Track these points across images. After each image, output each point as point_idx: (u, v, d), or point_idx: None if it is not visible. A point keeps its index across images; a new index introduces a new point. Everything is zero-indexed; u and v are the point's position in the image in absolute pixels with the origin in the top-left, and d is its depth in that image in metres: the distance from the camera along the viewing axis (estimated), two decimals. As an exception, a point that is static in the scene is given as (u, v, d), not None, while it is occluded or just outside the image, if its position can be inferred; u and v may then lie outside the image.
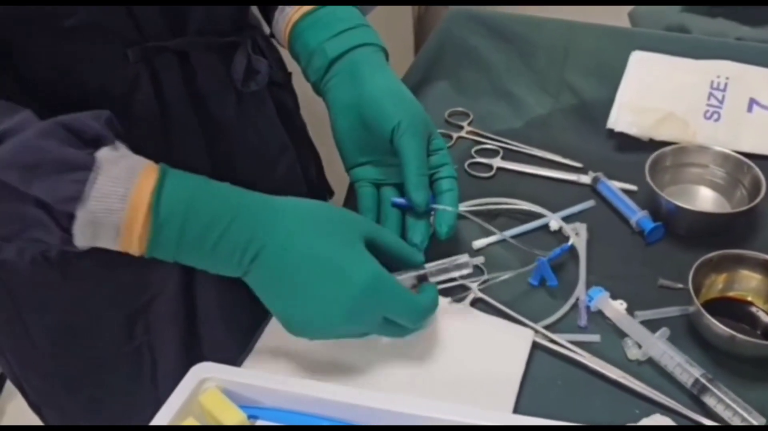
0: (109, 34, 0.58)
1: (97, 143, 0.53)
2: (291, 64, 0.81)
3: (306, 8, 0.69)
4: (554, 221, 0.72)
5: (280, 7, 0.71)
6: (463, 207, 0.73)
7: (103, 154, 0.52)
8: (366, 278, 0.54)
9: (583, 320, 0.63)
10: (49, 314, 0.72)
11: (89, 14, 0.56)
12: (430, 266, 0.61)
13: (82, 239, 0.53)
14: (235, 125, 0.70)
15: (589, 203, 0.75)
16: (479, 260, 0.64)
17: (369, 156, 0.68)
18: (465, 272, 0.62)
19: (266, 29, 0.77)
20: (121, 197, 0.52)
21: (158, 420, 0.53)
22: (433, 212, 0.65)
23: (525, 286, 0.67)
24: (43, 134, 0.51)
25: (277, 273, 0.55)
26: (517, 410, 0.57)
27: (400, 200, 0.66)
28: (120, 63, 0.60)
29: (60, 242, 0.53)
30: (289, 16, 0.70)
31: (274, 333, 0.65)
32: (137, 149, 0.56)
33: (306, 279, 0.55)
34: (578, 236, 0.70)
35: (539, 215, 0.73)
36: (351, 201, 0.71)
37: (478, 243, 0.71)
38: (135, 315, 0.73)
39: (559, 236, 0.72)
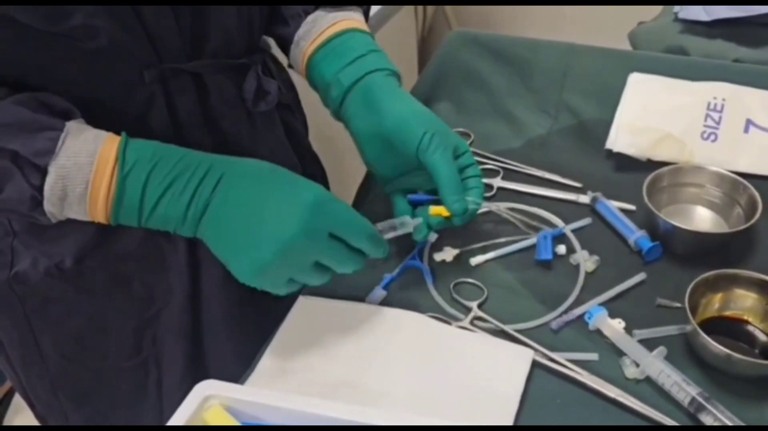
0: (128, 56, 0.61)
1: (66, 115, 0.57)
2: (299, 84, 0.83)
3: (319, 40, 0.71)
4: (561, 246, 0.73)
5: (294, 41, 0.74)
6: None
7: (72, 123, 0.57)
8: (316, 193, 0.58)
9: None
10: (60, 327, 0.74)
11: (111, 37, 0.58)
12: (379, 224, 0.66)
13: (51, 200, 0.55)
14: (247, 144, 0.72)
15: (586, 221, 0.76)
16: (417, 221, 0.68)
17: (400, 172, 0.71)
18: (408, 229, 0.67)
19: (276, 52, 0.79)
20: (89, 152, 0.55)
21: (164, 435, 0.54)
22: None
23: (524, 304, 0.68)
24: (18, 101, 0.56)
25: (234, 199, 0.58)
26: (516, 428, 0.58)
27: (418, 196, 0.70)
28: (136, 84, 0.63)
29: (30, 203, 0.55)
30: (303, 50, 0.73)
31: (277, 351, 0.66)
32: None
33: (262, 195, 0.58)
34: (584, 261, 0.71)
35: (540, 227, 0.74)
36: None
37: (475, 260, 0.72)
38: (143, 327, 0.74)
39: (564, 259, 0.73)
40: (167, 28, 0.62)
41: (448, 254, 0.73)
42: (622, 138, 0.84)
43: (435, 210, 0.68)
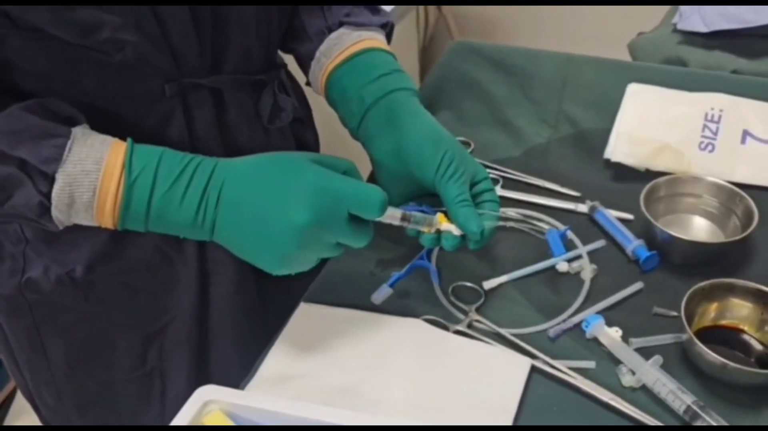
0: (151, 70, 0.62)
1: (71, 121, 0.58)
2: (312, 100, 0.83)
3: (342, 56, 0.72)
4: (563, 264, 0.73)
5: (316, 56, 0.74)
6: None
7: (78, 129, 0.58)
8: (318, 176, 0.58)
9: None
10: (68, 336, 0.75)
11: (137, 50, 0.59)
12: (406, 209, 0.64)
13: (58, 207, 0.56)
14: None
15: (600, 243, 0.75)
16: (449, 227, 0.65)
17: (414, 196, 0.70)
18: (422, 227, 0.65)
19: (292, 68, 0.80)
20: (96, 160, 0.56)
21: (165, 440, 0.55)
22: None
23: (522, 311, 0.69)
24: (26, 108, 0.57)
25: (241, 198, 0.58)
26: (513, 435, 0.58)
27: (419, 207, 0.68)
28: (157, 97, 0.64)
29: (38, 209, 0.56)
30: (325, 66, 0.73)
31: (277, 357, 0.66)
32: None
33: (268, 188, 0.58)
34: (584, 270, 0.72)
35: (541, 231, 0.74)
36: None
37: (489, 284, 0.71)
38: (150, 339, 0.75)
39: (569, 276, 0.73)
40: (190, 44, 0.63)
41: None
42: (620, 148, 0.85)
43: (443, 220, 0.66)
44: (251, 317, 0.77)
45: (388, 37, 0.78)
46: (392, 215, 0.63)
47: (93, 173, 0.56)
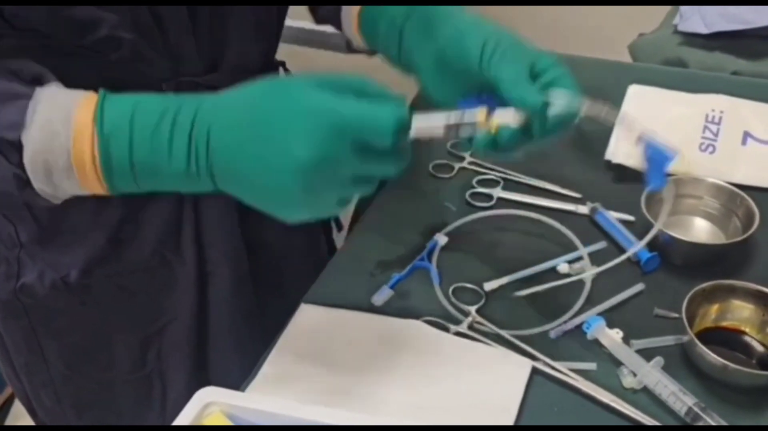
0: (148, 68, 0.61)
1: (39, 81, 0.53)
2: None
3: None
4: (563, 265, 0.73)
5: (342, 9, 0.72)
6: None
7: (44, 89, 0.52)
8: (318, 105, 0.49)
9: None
10: (66, 338, 0.74)
11: (134, 49, 0.58)
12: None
13: (36, 177, 0.51)
14: None
15: (601, 245, 0.74)
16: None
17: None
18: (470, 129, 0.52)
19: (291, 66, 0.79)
20: (63, 119, 0.50)
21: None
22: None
23: (522, 312, 0.69)
24: None
25: (235, 139, 0.50)
26: (514, 436, 0.58)
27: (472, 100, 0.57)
28: None
29: (16, 183, 0.51)
30: (352, 8, 0.70)
31: (278, 358, 0.66)
32: None
33: (262, 126, 0.50)
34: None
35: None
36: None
37: (489, 285, 0.71)
38: (149, 341, 0.75)
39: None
40: (187, 42, 0.62)
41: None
42: (621, 149, 0.85)
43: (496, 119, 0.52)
44: (250, 319, 0.77)
45: None
46: (427, 128, 0.51)
47: (62, 135, 0.50)
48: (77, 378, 0.76)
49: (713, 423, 0.56)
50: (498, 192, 0.83)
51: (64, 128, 0.50)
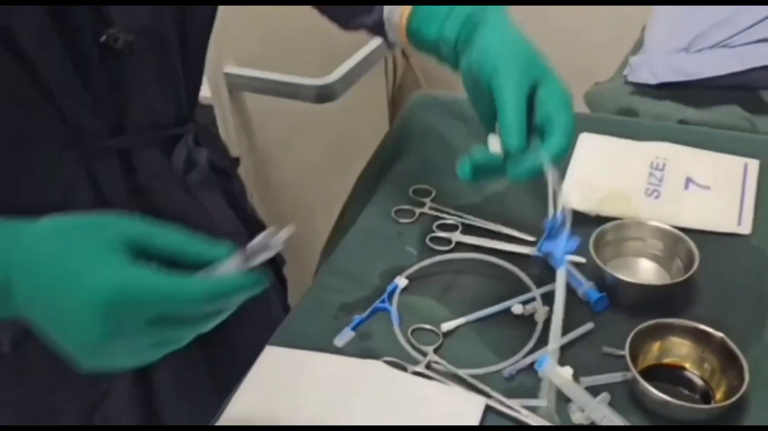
0: (42, 137, 0.57)
1: None
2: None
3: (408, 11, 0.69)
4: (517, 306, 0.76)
5: (385, 21, 0.71)
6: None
7: None
8: (107, 281, 0.43)
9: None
10: (6, 411, 0.71)
11: (19, 117, 0.55)
12: (249, 247, 0.48)
13: None
14: (182, 215, 0.70)
15: (552, 286, 0.80)
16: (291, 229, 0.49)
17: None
18: (281, 245, 0.49)
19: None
20: None
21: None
22: None
23: (477, 348, 0.72)
24: None
25: (33, 300, 0.46)
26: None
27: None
28: (54, 167, 0.58)
29: None
30: (398, 23, 0.71)
31: (242, 400, 0.68)
32: None
33: (51, 295, 0.44)
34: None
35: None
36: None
37: (446, 326, 0.74)
38: (93, 407, 0.72)
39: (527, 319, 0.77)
40: (81, 106, 0.58)
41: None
42: (573, 195, 0.89)
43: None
44: (196, 370, 0.76)
45: None
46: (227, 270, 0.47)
47: None
48: None
49: (655, 456, 0.59)
50: (456, 236, 0.87)
51: None
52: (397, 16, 0.71)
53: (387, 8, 0.72)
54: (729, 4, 1.23)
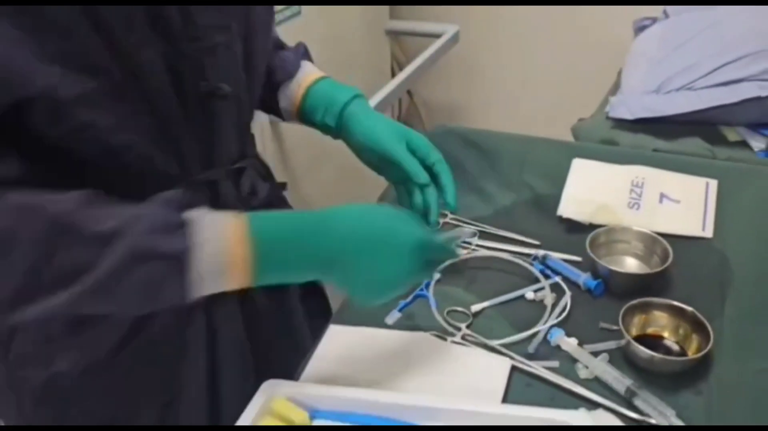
0: (162, 173, 0.69)
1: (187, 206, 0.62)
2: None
3: (309, 80, 0.88)
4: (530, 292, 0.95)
5: (280, 98, 0.88)
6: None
7: (193, 213, 0.61)
8: (416, 239, 0.69)
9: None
10: (95, 416, 0.78)
11: (141, 152, 0.66)
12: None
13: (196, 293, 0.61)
14: None
15: (555, 279, 0.99)
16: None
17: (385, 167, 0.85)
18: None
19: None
20: (218, 250, 0.61)
21: (241, 421, 0.72)
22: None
23: (501, 324, 0.90)
24: (160, 202, 0.62)
25: (355, 265, 0.67)
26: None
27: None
28: None
29: (183, 300, 0.61)
30: (299, 83, 0.88)
31: (312, 370, 0.84)
32: None
33: (376, 253, 0.67)
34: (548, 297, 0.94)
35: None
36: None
37: (475, 307, 0.92)
38: (169, 404, 0.79)
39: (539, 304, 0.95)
40: (188, 141, 0.69)
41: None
42: (569, 207, 1.09)
43: None
44: (260, 373, 0.81)
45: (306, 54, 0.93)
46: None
47: (219, 255, 0.61)
48: None
49: (644, 397, 0.77)
50: (475, 240, 1.05)
51: (218, 254, 0.61)
52: (291, 105, 0.89)
53: (283, 96, 0.89)
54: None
